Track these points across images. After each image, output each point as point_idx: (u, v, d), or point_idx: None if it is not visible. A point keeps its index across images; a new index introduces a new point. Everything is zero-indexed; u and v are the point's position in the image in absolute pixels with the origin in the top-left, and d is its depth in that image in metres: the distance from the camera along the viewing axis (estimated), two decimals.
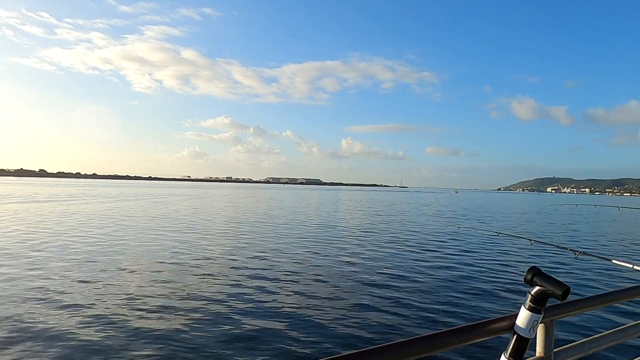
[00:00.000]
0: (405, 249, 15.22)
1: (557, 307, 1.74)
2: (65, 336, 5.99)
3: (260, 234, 18.63)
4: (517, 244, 16.45)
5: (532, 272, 1.48)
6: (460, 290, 9.36)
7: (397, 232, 20.98)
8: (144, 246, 14.21)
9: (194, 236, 17.19)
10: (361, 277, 10.44)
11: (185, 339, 6.07)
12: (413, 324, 7.04)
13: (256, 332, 6.46)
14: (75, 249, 13.16)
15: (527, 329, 1.46)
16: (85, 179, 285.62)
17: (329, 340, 6.22)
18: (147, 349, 5.68)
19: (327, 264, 12.06)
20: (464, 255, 14.03)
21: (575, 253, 4.84)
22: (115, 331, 6.26)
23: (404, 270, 11.46)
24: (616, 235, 23.27)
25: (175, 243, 15.08)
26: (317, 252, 14.19)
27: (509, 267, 12.15)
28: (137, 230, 18.45)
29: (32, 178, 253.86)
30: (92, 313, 7.03)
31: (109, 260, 11.56)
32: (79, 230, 17.83)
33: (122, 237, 16.06)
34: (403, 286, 9.57)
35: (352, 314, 7.48)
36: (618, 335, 2.21)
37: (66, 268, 10.33)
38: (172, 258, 12.18)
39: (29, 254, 11.96)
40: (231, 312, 7.37)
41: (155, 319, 6.88)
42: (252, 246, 14.94)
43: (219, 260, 12.05)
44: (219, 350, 5.73)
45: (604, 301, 2.15)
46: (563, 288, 1.41)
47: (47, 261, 11.12)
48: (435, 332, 1.37)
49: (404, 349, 1.25)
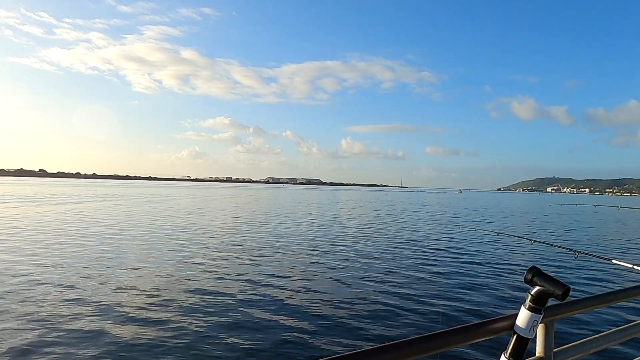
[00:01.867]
0: (406, 249, 15.21)
1: (557, 307, 1.74)
2: (64, 337, 6.00)
3: (262, 234, 18.63)
4: (517, 244, 16.46)
5: (532, 272, 1.48)
6: (460, 289, 9.36)
7: (397, 232, 20.97)
8: (145, 246, 14.23)
9: (196, 236, 17.21)
10: (360, 277, 10.43)
11: (184, 338, 6.08)
12: (413, 323, 7.04)
13: (257, 331, 6.45)
14: (86, 248, 13.18)
15: (527, 329, 1.46)
16: (85, 179, 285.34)
17: (329, 340, 6.22)
18: (148, 349, 5.69)
19: (326, 264, 12.05)
20: (464, 255, 14.02)
21: (575, 253, 4.84)
22: (124, 333, 6.27)
23: (404, 269, 11.46)
24: (616, 235, 23.27)
25: (177, 243, 15.10)
26: (318, 252, 14.19)
27: (509, 267, 12.16)
28: (148, 232, 18.46)
29: (32, 178, 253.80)
30: (96, 308, 7.04)
31: (129, 258, 11.57)
32: (89, 231, 17.84)
33: (144, 238, 16.07)
34: (403, 286, 9.56)
35: (352, 313, 7.47)
36: (618, 335, 2.21)
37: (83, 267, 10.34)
38: (172, 257, 12.19)
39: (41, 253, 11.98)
40: (232, 311, 7.37)
41: (155, 318, 6.88)
42: (262, 245, 14.94)
43: (222, 260, 12.05)
44: (220, 350, 5.73)
45: (604, 301, 2.15)
46: (563, 288, 1.41)
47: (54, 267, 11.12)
48: (435, 332, 1.37)
49: (404, 349, 1.25)
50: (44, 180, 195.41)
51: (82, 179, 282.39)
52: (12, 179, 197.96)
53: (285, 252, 13.79)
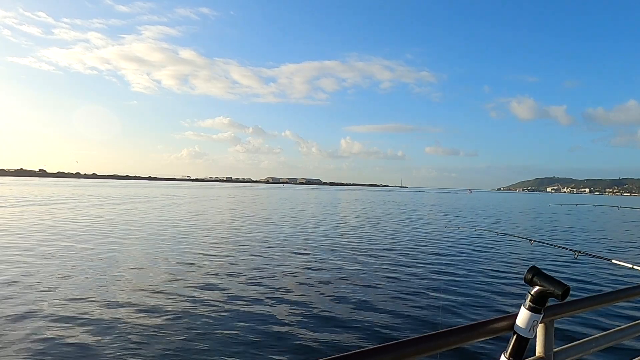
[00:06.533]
0: (405, 248, 15.21)
1: (557, 307, 1.74)
2: (62, 338, 6.01)
3: (264, 233, 18.64)
4: (517, 244, 16.46)
5: (532, 272, 1.48)
6: (460, 290, 9.35)
7: (397, 232, 20.98)
8: (147, 246, 14.25)
9: (199, 235, 17.21)
10: (359, 276, 10.43)
11: (182, 337, 6.08)
12: (413, 323, 7.04)
13: (256, 331, 6.45)
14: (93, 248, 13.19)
15: (527, 329, 1.46)
16: (85, 179, 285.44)
17: (329, 340, 6.21)
18: (148, 349, 5.69)
19: (326, 263, 12.04)
20: (464, 255, 14.03)
21: (575, 253, 4.85)
22: (125, 334, 6.27)
23: (404, 269, 11.45)
24: (616, 235, 23.26)
25: (179, 242, 15.12)
26: (318, 251, 14.18)
27: (509, 267, 12.15)
28: (150, 232, 18.47)
29: (32, 178, 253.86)
30: (97, 315, 7.04)
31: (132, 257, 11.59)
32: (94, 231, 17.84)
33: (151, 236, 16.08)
34: (402, 285, 9.56)
35: (351, 313, 7.47)
36: (618, 335, 2.21)
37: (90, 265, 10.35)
38: (172, 257, 12.21)
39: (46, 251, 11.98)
40: (233, 312, 7.38)
41: (154, 319, 6.88)
42: (266, 245, 14.96)
43: (224, 260, 12.06)
44: (219, 350, 5.73)
45: (604, 301, 2.15)
46: (563, 288, 1.41)
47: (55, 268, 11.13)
48: (436, 332, 1.37)
49: (404, 349, 1.25)
50: (46, 180, 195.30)
51: (82, 179, 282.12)
52: (12, 179, 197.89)
53: (285, 251, 13.79)
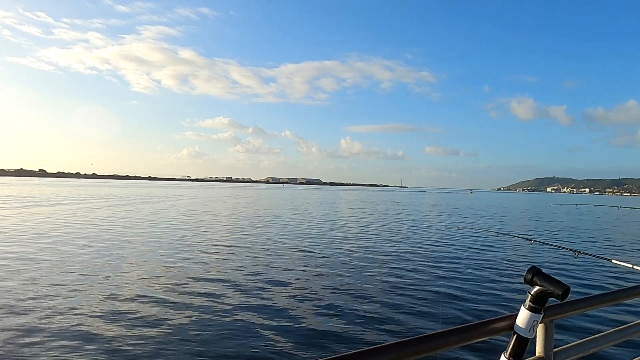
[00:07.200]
0: (405, 248, 15.21)
1: (557, 307, 1.74)
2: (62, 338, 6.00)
3: (267, 233, 18.65)
4: (517, 244, 16.46)
5: (532, 272, 1.48)
6: (460, 290, 9.35)
7: (397, 232, 20.98)
8: (148, 246, 14.25)
9: (204, 235, 17.21)
10: (359, 276, 10.43)
11: (182, 336, 6.09)
12: (413, 323, 7.04)
13: (257, 331, 6.46)
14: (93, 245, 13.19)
15: (527, 329, 1.46)
16: (85, 179, 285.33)
17: (329, 340, 6.22)
18: (148, 349, 5.69)
19: (326, 263, 12.04)
20: (463, 255, 14.02)
21: (575, 253, 4.84)
22: (127, 333, 6.27)
23: (404, 269, 11.45)
24: (616, 235, 23.27)
25: (179, 242, 15.12)
26: (318, 251, 14.18)
27: (509, 267, 12.15)
28: (154, 231, 18.47)
29: (32, 178, 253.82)
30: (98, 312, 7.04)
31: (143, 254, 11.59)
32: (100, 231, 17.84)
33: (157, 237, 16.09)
34: (402, 285, 9.56)
35: (351, 313, 7.47)
36: (618, 335, 2.21)
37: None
38: (172, 257, 12.21)
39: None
40: (234, 311, 7.38)
41: (155, 318, 6.89)
42: (269, 245, 14.96)
43: (225, 260, 12.06)
44: (220, 350, 5.73)
45: (604, 301, 2.15)
46: (563, 288, 1.41)
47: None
48: (435, 332, 1.37)
49: (404, 349, 1.25)
50: (47, 180, 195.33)
51: (83, 179, 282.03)
52: (12, 179, 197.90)
53: (286, 251, 13.80)
